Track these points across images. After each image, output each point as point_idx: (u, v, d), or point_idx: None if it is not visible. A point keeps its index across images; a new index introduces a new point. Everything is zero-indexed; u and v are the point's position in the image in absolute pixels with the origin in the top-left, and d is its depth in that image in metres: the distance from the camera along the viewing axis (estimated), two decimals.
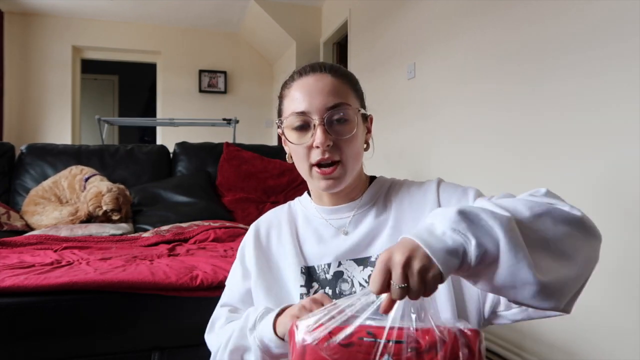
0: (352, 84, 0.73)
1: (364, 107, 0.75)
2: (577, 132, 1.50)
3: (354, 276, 0.70)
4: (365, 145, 0.76)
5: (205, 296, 1.21)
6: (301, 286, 0.71)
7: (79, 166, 2.30)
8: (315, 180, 0.72)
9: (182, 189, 2.38)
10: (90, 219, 2.09)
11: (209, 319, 0.80)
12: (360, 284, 0.69)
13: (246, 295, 0.77)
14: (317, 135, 0.68)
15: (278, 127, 0.75)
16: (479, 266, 0.49)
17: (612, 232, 1.37)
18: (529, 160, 1.73)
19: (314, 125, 0.68)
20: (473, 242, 0.48)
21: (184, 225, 2.00)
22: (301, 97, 0.70)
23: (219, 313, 0.80)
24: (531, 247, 0.49)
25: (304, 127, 0.70)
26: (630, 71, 1.30)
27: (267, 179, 2.53)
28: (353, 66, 3.48)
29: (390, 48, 2.84)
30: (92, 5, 4.47)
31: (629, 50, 1.31)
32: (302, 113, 0.69)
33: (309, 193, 0.83)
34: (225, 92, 5.30)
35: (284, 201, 0.90)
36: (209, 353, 0.76)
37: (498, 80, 1.91)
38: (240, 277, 0.79)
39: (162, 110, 5.14)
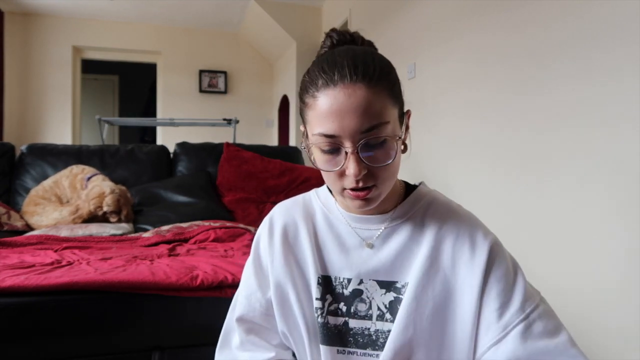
0: (389, 85, 0.58)
1: (401, 102, 0.62)
2: (577, 132, 1.50)
3: (373, 298, 0.65)
4: (402, 147, 0.63)
5: (205, 296, 1.21)
6: (317, 299, 0.66)
7: (80, 165, 2.30)
8: (346, 201, 0.63)
9: (183, 189, 2.38)
10: (90, 218, 2.09)
11: (209, 319, 0.80)
12: (379, 308, 0.64)
13: (269, 309, 0.71)
14: (350, 166, 0.57)
15: (303, 142, 0.65)
16: None
17: (612, 233, 1.37)
18: (528, 160, 1.72)
19: (346, 153, 0.57)
20: None
21: (184, 225, 2.00)
22: (330, 115, 0.56)
23: (232, 328, 0.73)
24: None
25: (333, 151, 0.58)
26: (633, 76, 1.30)
27: (267, 179, 2.53)
28: None
29: (391, 48, 2.84)
30: (92, 5, 4.47)
31: (631, 54, 1.31)
32: (332, 136, 0.56)
33: (330, 190, 0.73)
34: (225, 92, 5.30)
35: None
36: (209, 353, 0.76)
37: (498, 80, 1.91)
38: (256, 287, 0.72)
39: (163, 110, 5.14)
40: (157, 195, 2.36)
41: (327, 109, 0.56)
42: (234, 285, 1.24)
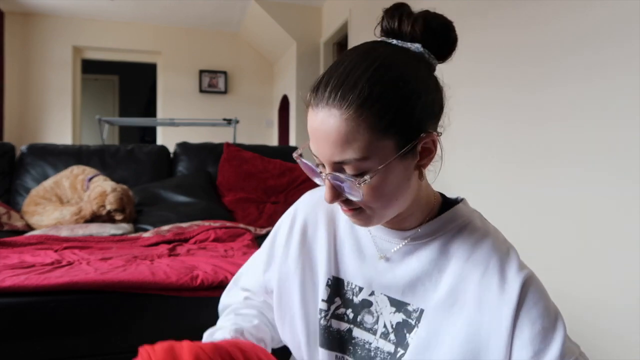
0: (380, 113, 0.48)
1: (410, 131, 0.51)
2: (582, 129, 1.50)
3: (381, 313, 0.61)
4: (417, 173, 0.56)
5: (205, 296, 1.21)
6: (323, 300, 0.64)
7: (80, 166, 2.30)
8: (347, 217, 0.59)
9: (183, 189, 2.38)
10: (93, 218, 2.09)
11: (209, 319, 0.80)
12: (385, 325, 0.60)
13: (260, 289, 0.75)
14: (325, 190, 0.54)
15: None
16: None
17: (612, 234, 1.36)
18: (533, 157, 1.72)
19: (323, 176, 0.53)
20: None
21: (184, 225, 2.00)
22: (311, 134, 0.53)
23: (233, 286, 0.80)
24: None
25: (320, 166, 0.55)
26: (634, 74, 1.30)
27: (267, 179, 2.53)
28: None
29: None
30: (92, 5, 4.47)
31: (632, 53, 1.31)
32: (315, 156, 0.54)
33: None
34: (225, 92, 5.30)
35: (285, 201, 0.85)
36: None
37: (498, 81, 1.91)
38: (263, 263, 0.73)
39: (163, 110, 5.15)
40: (157, 195, 2.36)
41: (309, 128, 0.53)
42: None
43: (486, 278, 0.55)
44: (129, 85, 6.58)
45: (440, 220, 0.60)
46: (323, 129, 0.49)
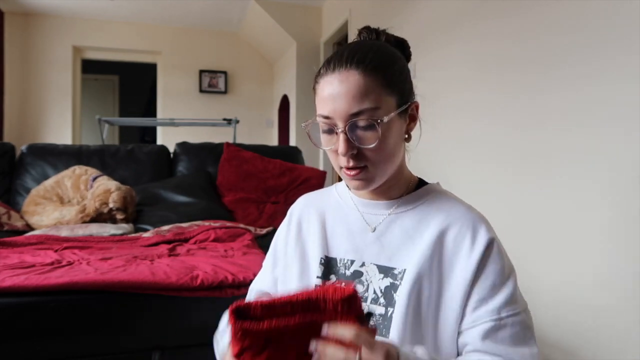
0: (386, 76, 0.63)
1: (404, 96, 0.66)
2: (576, 134, 1.50)
3: (371, 281, 0.68)
4: (406, 136, 0.69)
5: (205, 296, 1.21)
6: (317, 277, 0.71)
7: (82, 166, 2.30)
8: (346, 180, 0.69)
9: (183, 189, 2.38)
10: (96, 217, 2.09)
11: (209, 319, 0.80)
12: (375, 292, 0.67)
13: (274, 286, 0.79)
14: (339, 144, 0.63)
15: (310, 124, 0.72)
16: None
17: (611, 234, 1.36)
18: (528, 161, 1.72)
19: (337, 132, 0.63)
20: None
21: (184, 225, 2.00)
22: (326, 98, 0.64)
23: (248, 295, 0.84)
24: None
25: (330, 131, 0.65)
26: (633, 81, 1.30)
27: (267, 179, 2.53)
28: None
29: None
30: (92, 5, 4.47)
31: (631, 59, 1.31)
32: (327, 117, 0.64)
33: None
34: (225, 92, 5.30)
35: (285, 201, 0.89)
36: (209, 353, 0.76)
37: (498, 83, 1.91)
38: (270, 265, 0.81)
39: (163, 110, 5.14)
40: (157, 195, 2.36)
41: (324, 93, 0.64)
42: (234, 285, 1.25)
43: (460, 236, 0.65)
44: (129, 85, 6.58)
45: (417, 193, 0.72)
46: (343, 86, 0.62)
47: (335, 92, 0.62)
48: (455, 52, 2.22)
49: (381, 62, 0.64)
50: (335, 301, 0.50)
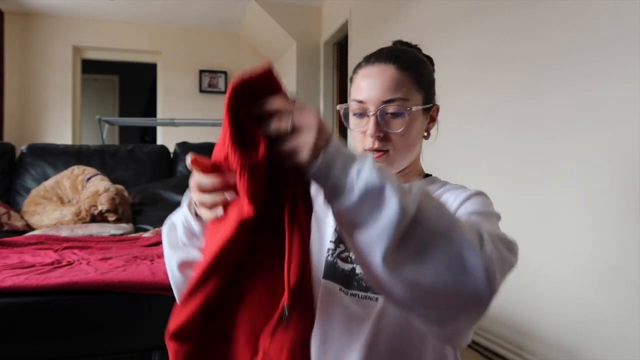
0: (417, 75, 0.73)
1: (429, 97, 0.77)
2: (576, 137, 1.50)
3: None
4: (425, 134, 0.79)
5: None
6: (330, 241, 0.76)
7: (81, 166, 2.30)
8: None
9: (183, 189, 2.38)
10: (92, 218, 2.09)
11: None
12: None
13: None
14: (369, 126, 0.71)
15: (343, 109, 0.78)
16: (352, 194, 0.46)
17: (611, 233, 1.36)
18: (527, 164, 1.72)
19: (369, 115, 0.72)
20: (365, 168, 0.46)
21: None
22: (363, 85, 0.73)
23: None
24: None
25: (361, 114, 0.73)
26: (634, 82, 1.30)
27: None
28: (353, 66, 3.48)
29: None
30: (92, 5, 4.47)
31: (632, 60, 1.31)
32: (361, 102, 0.73)
33: None
34: (225, 92, 5.29)
35: None
36: None
37: (498, 84, 1.91)
38: None
39: (163, 110, 5.14)
40: (157, 195, 2.36)
41: (362, 81, 0.74)
42: None
43: (455, 193, 0.71)
44: (129, 85, 6.58)
45: (425, 179, 0.81)
46: (381, 75, 0.72)
47: (372, 80, 0.72)
48: (455, 52, 2.22)
49: (414, 63, 0.74)
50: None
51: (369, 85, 0.72)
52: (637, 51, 1.28)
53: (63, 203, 2.19)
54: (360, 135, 0.74)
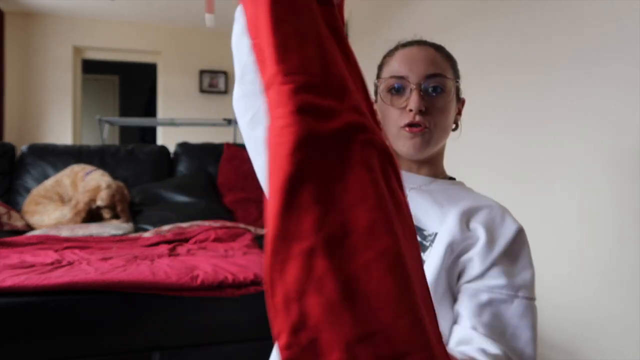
0: (452, 63, 0.75)
1: (459, 88, 0.78)
2: (576, 138, 1.50)
3: None
4: (454, 125, 0.78)
5: (205, 296, 1.21)
6: None
7: (81, 164, 2.30)
8: (401, 141, 0.72)
9: (183, 189, 2.38)
10: (89, 214, 2.09)
11: (209, 319, 0.80)
12: None
13: None
14: (412, 99, 0.69)
15: (375, 90, 0.76)
16: None
17: (610, 233, 1.36)
18: (528, 164, 1.72)
19: (411, 90, 0.70)
20: None
21: (184, 225, 2.00)
22: (402, 63, 0.72)
23: None
24: None
25: (400, 90, 0.72)
26: (634, 86, 1.30)
27: None
28: None
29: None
30: (92, 5, 4.47)
31: (634, 64, 1.31)
32: (401, 77, 0.71)
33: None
34: (225, 92, 5.30)
35: None
36: (209, 353, 0.76)
37: (498, 83, 1.91)
38: None
39: (163, 110, 5.14)
40: (158, 195, 2.36)
41: (401, 58, 0.73)
42: (234, 285, 1.25)
43: (492, 213, 0.68)
44: (129, 85, 6.58)
45: (451, 181, 0.79)
46: (422, 53, 0.72)
47: (414, 57, 0.71)
48: (455, 53, 2.21)
49: (449, 53, 0.77)
50: None
51: (410, 61, 0.71)
52: (639, 55, 1.28)
53: (64, 202, 2.19)
54: (397, 112, 0.71)
